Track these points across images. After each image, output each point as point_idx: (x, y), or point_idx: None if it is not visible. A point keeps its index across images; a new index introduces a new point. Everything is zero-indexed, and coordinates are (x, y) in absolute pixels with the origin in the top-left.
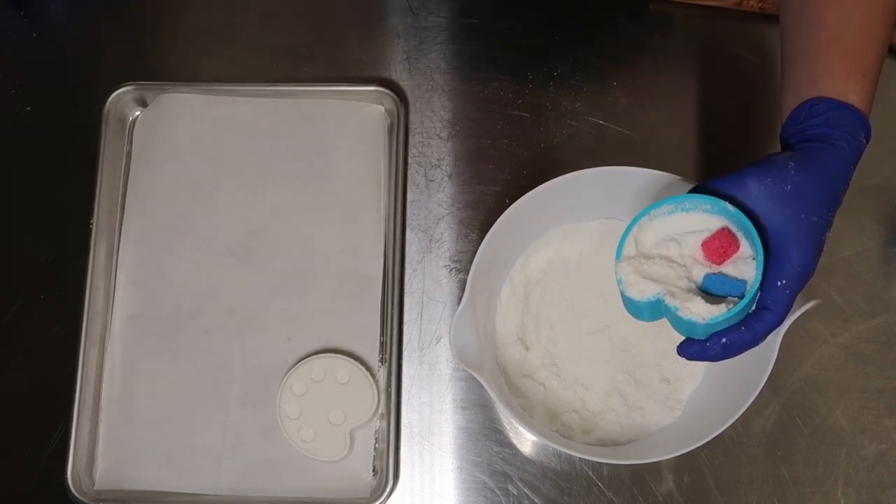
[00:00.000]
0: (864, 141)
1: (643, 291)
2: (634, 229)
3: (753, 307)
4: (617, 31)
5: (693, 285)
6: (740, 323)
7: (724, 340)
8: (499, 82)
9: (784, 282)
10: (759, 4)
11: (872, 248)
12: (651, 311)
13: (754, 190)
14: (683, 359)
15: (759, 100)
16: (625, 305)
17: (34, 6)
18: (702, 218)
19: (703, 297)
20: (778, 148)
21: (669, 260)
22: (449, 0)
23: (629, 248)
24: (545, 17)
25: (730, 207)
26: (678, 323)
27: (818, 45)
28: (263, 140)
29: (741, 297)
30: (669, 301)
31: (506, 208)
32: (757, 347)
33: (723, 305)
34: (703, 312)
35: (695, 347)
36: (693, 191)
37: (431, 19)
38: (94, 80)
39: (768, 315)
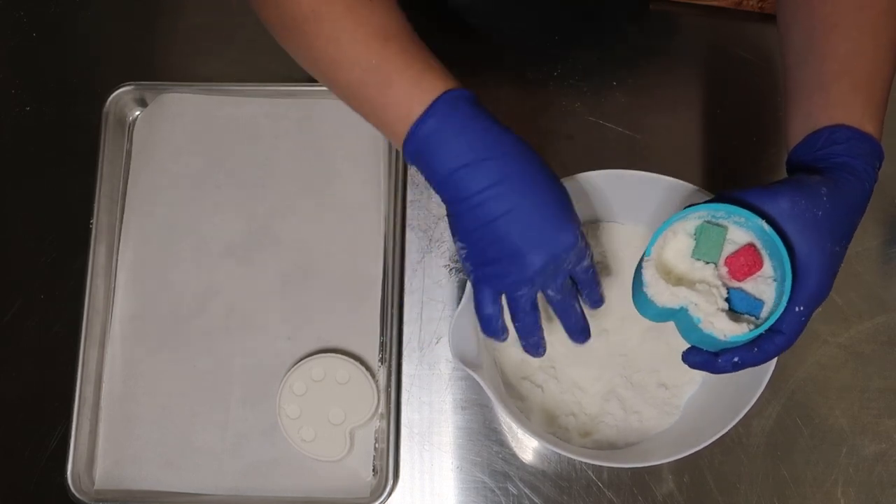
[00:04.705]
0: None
1: (670, 300)
2: (668, 231)
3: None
4: (617, 31)
5: (720, 300)
6: (753, 343)
7: (735, 359)
8: (499, 82)
9: (801, 308)
10: (759, 4)
11: (872, 248)
12: (662, 315)
13: (787, 210)
14: (682, 364)
15: (759, 99)
16: (635, 300)
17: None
18: (730, 230)
19: (727, 315)
20: (777, 150)
21: (701, 271)
22: (448, 0)
23: (657, 250)
24: (545, 17)
25: (766, 227)
26: (692, 333)
27: (828, 75)
28: (263, 140)
29: (756, 316)
30: (694, 312)
31: None
32: None
33: (744, 325)
34: (727, 330)
35: (701, 358)
36: (717, 199)
37: (431, 19)
38: (94, 80)
39: (780, 338)
